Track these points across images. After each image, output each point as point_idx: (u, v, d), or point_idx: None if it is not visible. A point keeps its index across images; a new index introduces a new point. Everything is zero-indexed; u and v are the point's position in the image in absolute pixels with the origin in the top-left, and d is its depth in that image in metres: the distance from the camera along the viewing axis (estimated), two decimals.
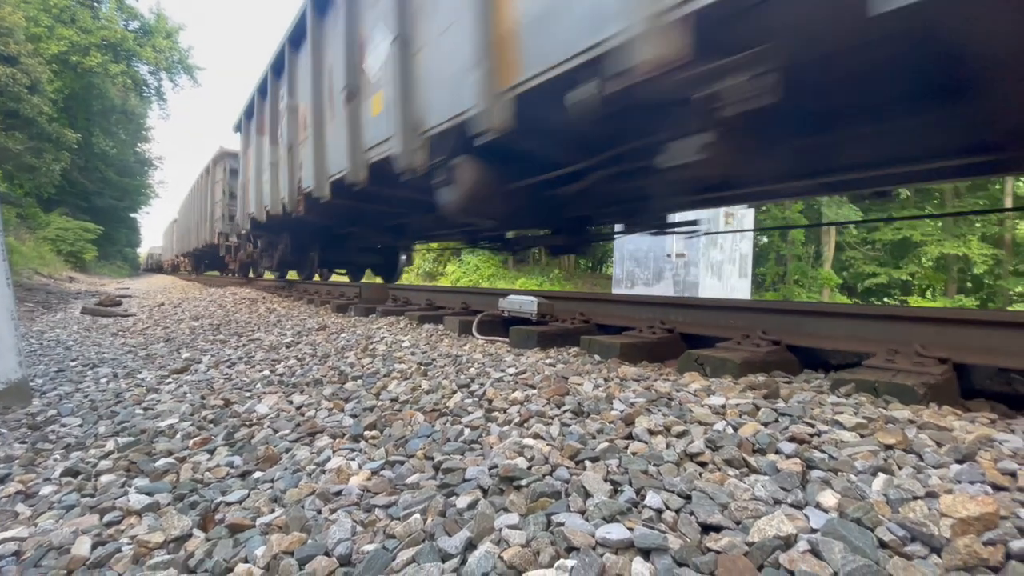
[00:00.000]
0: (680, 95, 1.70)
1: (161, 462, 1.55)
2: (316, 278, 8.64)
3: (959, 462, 1.02)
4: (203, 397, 2.28)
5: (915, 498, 0.90)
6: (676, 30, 1.54)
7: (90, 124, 24.29)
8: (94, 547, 1.12)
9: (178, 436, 1.81)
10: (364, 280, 9.05)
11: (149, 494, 1.33)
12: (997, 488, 0.92)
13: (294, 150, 5.29)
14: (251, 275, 11.02)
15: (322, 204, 4.64)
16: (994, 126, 2.05)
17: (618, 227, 4.18)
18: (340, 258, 8.13)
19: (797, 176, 2.75)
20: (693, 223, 3.72)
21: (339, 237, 7.18)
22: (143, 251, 52.63)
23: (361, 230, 6.37)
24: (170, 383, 2.63)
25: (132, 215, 39.65)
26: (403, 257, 8.33)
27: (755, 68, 1.55)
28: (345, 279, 9.79)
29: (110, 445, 1.75)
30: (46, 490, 1.46)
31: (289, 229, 7.14)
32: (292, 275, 9.30)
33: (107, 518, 1.24)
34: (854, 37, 1.59)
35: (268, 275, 9.92)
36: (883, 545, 0.80)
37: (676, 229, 3.71)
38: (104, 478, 1.49)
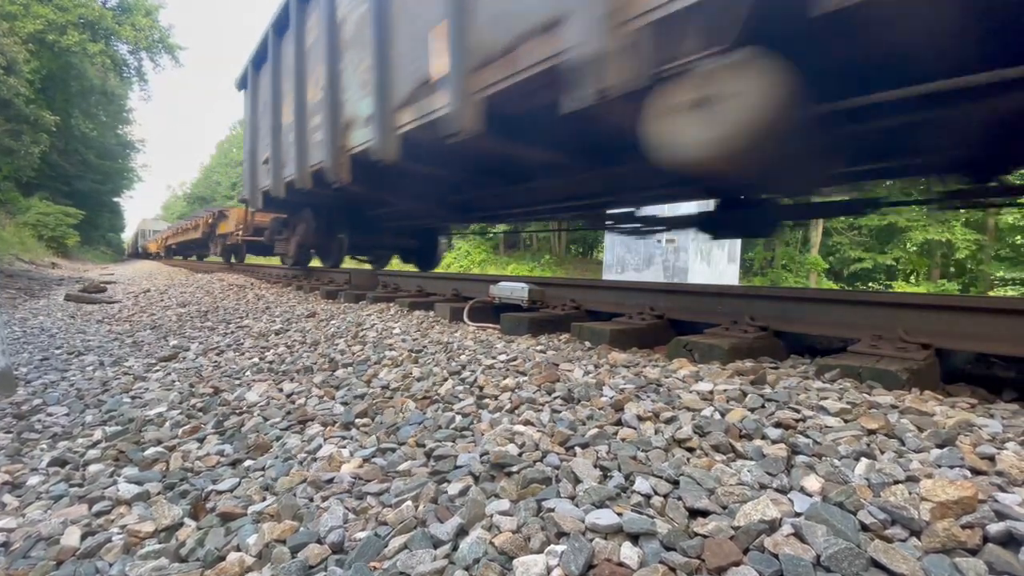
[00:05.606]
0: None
1: (150, 451, 1.54)
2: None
3: (939, 447, 1.05)
4: (192, 385, 2.26)
5: (896, 482, 0.92)
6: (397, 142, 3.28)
7: (69, 106, 23.61)
8: (84, 537, 1.12)
9: (167, 425, 1.80)
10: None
11: (139, 483, 1.33)
12: (976, 472, 0.95)
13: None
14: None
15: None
16: None
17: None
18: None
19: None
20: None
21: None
22: (127, 235, 51.53)
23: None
24: (158, 371, 2.61)
25: (115, 199, 38.87)
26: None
27: None
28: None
29: (98, 434, 1.74)
30: (33, 480, 1.45)
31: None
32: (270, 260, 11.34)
33: (96, 508, 1.23)
34: None
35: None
36: (864, 528, 0.82)
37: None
38: (92, 467, 1.48)
